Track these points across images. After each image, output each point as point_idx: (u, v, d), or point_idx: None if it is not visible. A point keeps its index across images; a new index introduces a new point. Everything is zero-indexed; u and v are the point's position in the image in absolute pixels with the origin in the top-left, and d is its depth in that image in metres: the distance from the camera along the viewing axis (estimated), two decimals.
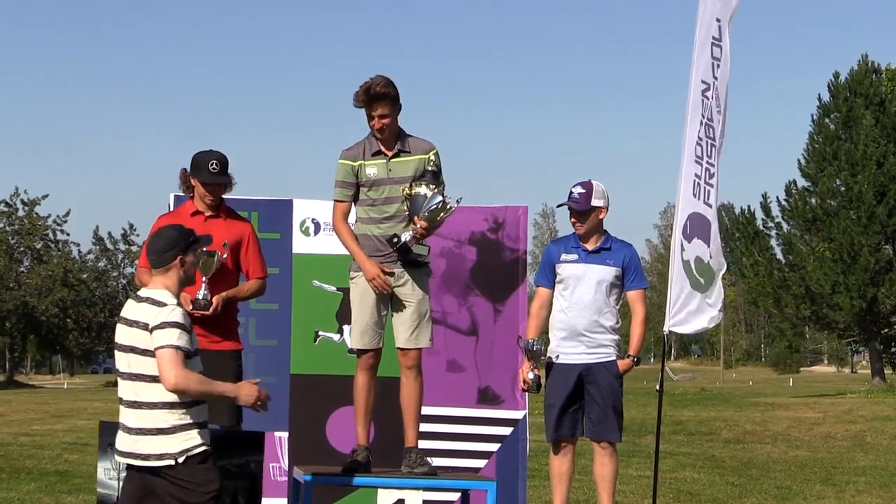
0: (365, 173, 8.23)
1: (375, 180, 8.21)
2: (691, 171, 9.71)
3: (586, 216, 8.86)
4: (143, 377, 6.59)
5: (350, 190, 8.27)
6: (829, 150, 48.25)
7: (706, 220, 9.79)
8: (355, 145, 8.32)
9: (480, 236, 10.01)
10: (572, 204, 8.86)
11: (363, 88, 8.15)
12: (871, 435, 25.42)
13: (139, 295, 6.74)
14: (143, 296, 6.72)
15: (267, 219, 9.91)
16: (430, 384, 8.63)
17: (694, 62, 9.74)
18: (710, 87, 9.84)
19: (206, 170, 8.34)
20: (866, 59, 48.76)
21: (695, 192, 9.73)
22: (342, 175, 8.29)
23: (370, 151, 8.26)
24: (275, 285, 9.42)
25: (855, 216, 46.72)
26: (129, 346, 6.63)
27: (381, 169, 8.23)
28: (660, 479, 10.53)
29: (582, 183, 8.91)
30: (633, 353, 8.99)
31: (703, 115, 9.75)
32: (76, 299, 64.98)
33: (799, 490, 15.63)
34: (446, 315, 9.89)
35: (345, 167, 8.28)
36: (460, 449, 9.88)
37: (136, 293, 6.79)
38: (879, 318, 48.05)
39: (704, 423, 27.76)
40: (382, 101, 8.12)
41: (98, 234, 68.56)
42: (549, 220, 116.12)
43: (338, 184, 8.31)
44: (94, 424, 25.78)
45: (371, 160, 8.24)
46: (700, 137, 9.74)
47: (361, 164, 8.24)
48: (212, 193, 8.37)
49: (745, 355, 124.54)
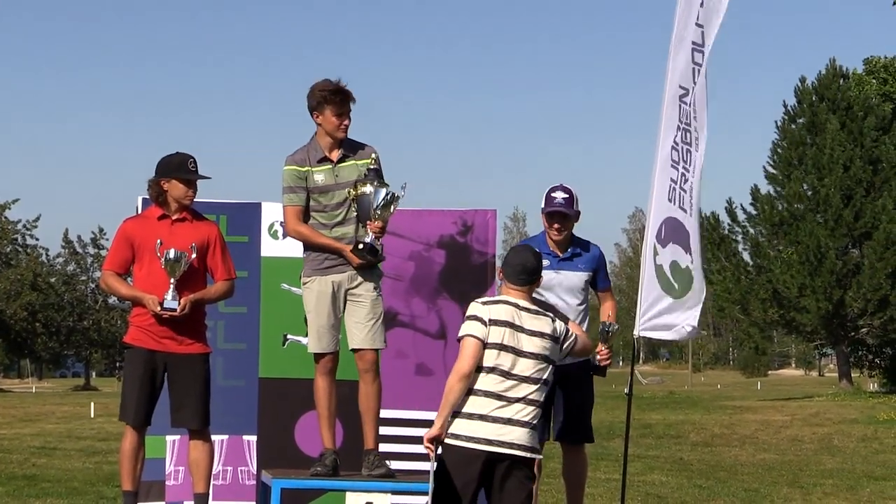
0: (313, 179, 8.29)
1: (323, 186, 8.28)
2: (666, 175, 9.64)
3: (571, 221, 8.85)
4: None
5: (300, 193, 8.31)
6: (795, 155, 48.42)
7: (682, 226, 9.74)
8: (299, 151, 8.37)
9: (449, 239, 10.01)
10: (560, 209, 8.79)
11: (334, 86, 8.20)
12: (838, 438, 25.58)
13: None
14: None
15: (235, 222, 9.89)
16: (398, 388, 8.65)
17: (669, 66, 9.70)
18: (688, 92, 9.79)
19: (186, 168, 8.40)
20: (834, 64, 48.97)
21: (670, 197, 9.69)
22: (291, 180, 8.32)
23: (315, 158, 8.31)
24: (243, 289, 9.42)
25: (822, 219, 46.94)
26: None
27: (328, 175, 8.29)
28: (628, 483, 10.57)
29: (561, 188, 8.85)
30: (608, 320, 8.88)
31: (681, 121, 9.70)
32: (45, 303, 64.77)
33: (766, 493, 15.70)
34: (415, 318, 9.90)
35: (292, 172, 8.31)
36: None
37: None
38: (846, 322, 48.25)
39: (673, 427, 27.86)
40: (349, 102, 8.19)
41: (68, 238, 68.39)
42: (520, 223, 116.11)
43: (287, 189, 8.35)
44: (62, 429, 25.73)
45: (318, 167, 8.30)
46: (676, 142, 9.70)
47: (309, 171, 8.29)
48: (194, 191, 8.43)
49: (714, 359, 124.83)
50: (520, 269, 7.35)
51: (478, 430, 7.11)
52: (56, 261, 68.50)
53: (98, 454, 19.97)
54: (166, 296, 8.25)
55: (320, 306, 8.24)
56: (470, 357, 7.15)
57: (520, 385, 7.17)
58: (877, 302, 46.26)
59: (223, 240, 8.65)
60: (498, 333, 7.17)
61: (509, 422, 7.14)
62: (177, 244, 8.31)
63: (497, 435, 7.11)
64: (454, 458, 7.14)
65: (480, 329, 7.17)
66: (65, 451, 20.50)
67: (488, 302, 7.32)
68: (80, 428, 26.02)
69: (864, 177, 46.50)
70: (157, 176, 8.46)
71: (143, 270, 8.38)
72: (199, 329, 8.53)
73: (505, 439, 7.12)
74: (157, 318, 8.30)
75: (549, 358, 7.29)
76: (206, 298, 8.51)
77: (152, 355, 8.36)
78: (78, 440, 22.92)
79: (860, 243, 47.38)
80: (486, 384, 7.15)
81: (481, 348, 7.17)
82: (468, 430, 7.13)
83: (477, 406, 7.15)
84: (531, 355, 7.20)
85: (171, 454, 9.62)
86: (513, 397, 7.16)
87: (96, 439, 23.05)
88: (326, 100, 8.21)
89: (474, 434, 7.11)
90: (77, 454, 20.00)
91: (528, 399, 7.18)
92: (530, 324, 7.26)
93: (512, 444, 7.13)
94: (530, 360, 7.20)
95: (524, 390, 7.18)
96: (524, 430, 7.17)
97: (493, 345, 7.16)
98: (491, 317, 7.19)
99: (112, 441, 21.80)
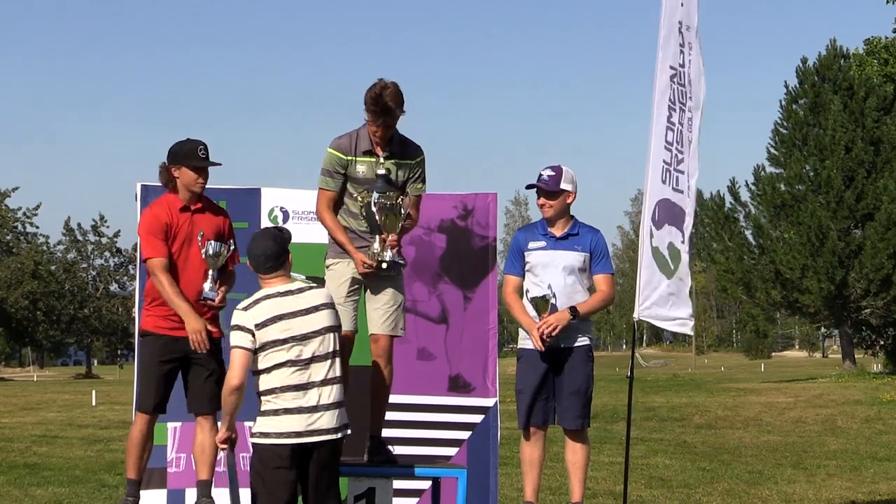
0: (355, 169, 8.22)
1: (364, 179, 8.21)
2: (660, 157, 9.62)
3: (555, 197, 8.80)
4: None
5: (335, 180, 8.26)
6: (798, 136, 48.32)
7: (677, 206, 9.71)
8: (346, 136, 8.28)
9: (450, 224, 9.96)
10: (541, 184, 8.80)
11: (373, 97, 8.04)
12: (842, 419, 25.54)
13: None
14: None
15: (235, 208, 9.80)
16: (400, 372, 8.60)
17: (660, 46, 9.66)
18: (678, 72, 9.76)
19: (196, 156, 8.34)
20: (835, 44, 48.78)
21: (664, 179, 9.66)
22: (330, 164, 8.26)
23: (361, 148, 8.23)
24: (243, 275, 9.37)
25: (824, 201, 46.85)
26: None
27: (369, 168, 8.22)
28: (632, 465, 10.54)
29: (552, 166, 8.87)
30: (580, 310, 8.70)
31: (673, 101, 9.66)
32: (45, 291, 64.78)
33: (770, 475, 15.67)
34: (416, 303, 9.85)
35: (334, 157, 8.25)
36: (431, 437, 9.84)
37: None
38: (849, 302, 48.18)
39: (676, 409, 27.84)
40: (390, 115, 8.09)
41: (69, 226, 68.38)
42: (522, 207, 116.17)
43: (324, 171, 8.30)
44: (64, 417, 25.73)
45: (362, 157, 8.22)
46: (672, 123, 9.66)
47: (353, 160, 8.22)
48: (205, 178, 8.37)
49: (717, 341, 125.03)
50: (263, 259, 7.39)
51: (286, 424, 7.13)
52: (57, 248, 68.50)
53: (100, 442, 19.96)
54: (205, 286, 8.26)
55: (341, 287, 8.20)
56: (238, 369, 7.20)
57: (314, 367, 7.19)
58: (879, 282, 46.19)
59: (232, 226, 8.65)
60: (271, 332, 7.14)
61: (315, 409, 7.15)
62: (208, 236, 8.29)
63: (306, 426, 7.12)
64: (266, 456, 7.15)
65: (245, 339, 7.17)
66: (66, 440, 20.49)
67: (249, 306, 7.28)
68: (82, 416, 26.03)
69: (865, 158, 46.40)
70: (168, 162, 8.40)
71: (175, 259, 8.32)
72: (216, 315, 8.50)
73: (314, 427, 7.13)
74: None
75: (333, 326, 7.31)
76: (230, 287, 8.51)
77: (173, 342, 8.30)
78: (79, 428, 22.91)
79: (862, 224, 47.28)
80: (282, 379, 7.14)
81: (250, 357, 7.19)
82: (276, 426, 7.14)
83: (281, 401, 7.16)
84: (313, 334, 7.20)
85: (173, 441, 9.60)
86: (313, 381, 7.18)
87: (98, 427, 23.05)
88: (369, 108, 8.10)
89: (283, 430, 7.12)
90: (78, 442, 19.99)
91: (327, 380, 7.21)
92: (298, 304, 7.25)
93: (320, 431, 7.15)
94: (315, 339, 7.20)
95: (320, 372, 7.20)
96: (332, 412, 7.21)
97: (271, 343, 7.15)
98: (256, 321, 7.17)
99: (113, 429, 21.81)
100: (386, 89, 8.01)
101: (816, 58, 48.75)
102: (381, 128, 8.09)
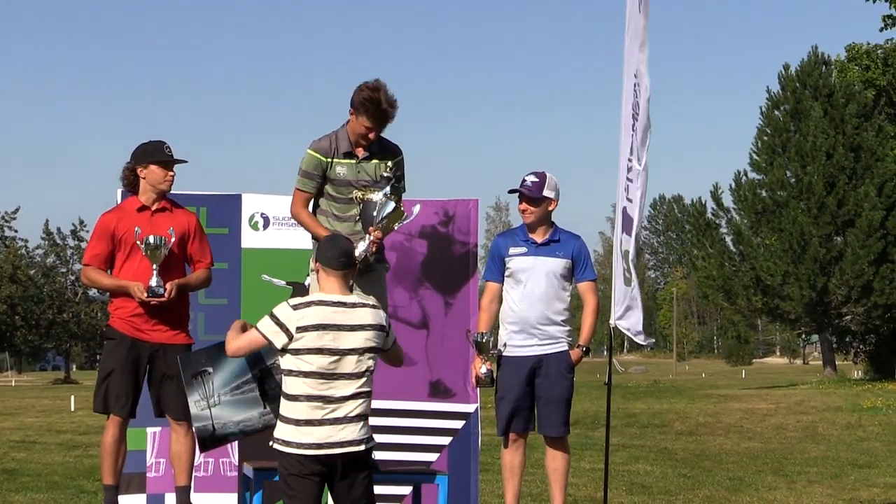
0: (334, 171, 8.24)
1: (343, 180, 8.23)
2: (624, 166, 9.68)
3: (537, 203, 8.79)
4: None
5: (314, 181, 8.28)
6: (779, 142, 48.46)
7: (629, 215, 9.75)
8: (325, 138, 8.30)
9: (431, 230, 9.95)
10: (524, 190, 8.78)
11: (373, 102, 8.04)
12: (823, 426, 25.60)
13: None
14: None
15: (215, 214, 9.81)
16: (380, 378, 8.54)
17: (625, 52, 9.70)
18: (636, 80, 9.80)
19: (163, 152, 8.32)
20: (816, 51, 48.95)
21: (625, 187, 9.73)
22: (310, 166, 8.28)
23: (341, 150, 8.25)
24: (224, 280, 9.37)
25: (805, 207, 46.97)
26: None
27: (350, 170, 8.25)
28: (613, 472, 10.52)
29: (536, 173, 8.86)
30: (583, 342, 8.92)
31: (633, 109, 9.70)
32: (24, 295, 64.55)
33: (751, 481, 15.67)
34: (397, 308, 9.82)
35: (314, 159, 8.27)
36: (412, 443, 9.82)
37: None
38: (830, 309, 48.31)
39: (657, 416, 27.86)
40: (387, 116, 8.11)
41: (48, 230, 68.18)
42: (503, 213, 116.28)
43: (302, 173, 8.31)
44: (42, 422, 25.62)
45: (341, 159, 8.24)
46: (634, 130, 9.71)
47: (331, 162, 8.23)
48: (172, 175, 8.33)
49: (698, 347, 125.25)
50: (338, 253, 7.13)
51: (308, 435, 6.98)
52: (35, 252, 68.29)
53: (78, 448, 19.87)
54: (151, 282, 8.17)
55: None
56: (245, 347, 7.13)
57: (344, 382, 7.02)
58: (860, 289, 46.32)
59: (202, 228, 8.60)
60: (311, 339, 6.97)
61: (338, 421, 7.00)
62: (156, 232, 8.22)
63: (328, 437, 6.97)
64: (286, 463, 7.02)
65: (278, 336, 6.95)
66: (45, 445, 20.40)
67: (299, 306, 7.03)
68: (60, 421, 25.93)
69: (846, 164, 46.56)
70: (133, 163, 8.37)
71: (125, 262, 8.28)
72: (183, 319, 8.47)
73: (335, 440, 6.99)
74: (143, 306, 8.21)
75: (375, 348, 7.14)
76: (189, 284, 8.45)
77: (136, 345, 8.25)
78: (58, 434, 22.82)
79: (843, 231, 47.41)
80: (310, 388, 7.00)
81: (262, 346, 7.07)
82: (297, 436, 6.98)
83: (305, 410, 6.99)
84: (351, 352, 7.04)
85: (152, 446, 9.56)
86: (342, 395, 7.01)
87: (76, 433, 22.96)
88: (367, 110, 8.09)
89: (304, 440, 6.98)
90: (57, 448, 19.90)
91: (354, 394, 7.04)
92: (347, 318, 7.06)
93: (343, 443, 7.00)
94: (350, 357, 7.03)
95: (349, 387, 7.03)
96: (355, 424, 7.04)
97: (306, 349, 6.97)
98: (299, 324, 6.97)
99: (92, 434, 21.71)
100: (380, 90, 8.06)
101: (798, 65, 48.91)
102: (376, 129, 8.13)
